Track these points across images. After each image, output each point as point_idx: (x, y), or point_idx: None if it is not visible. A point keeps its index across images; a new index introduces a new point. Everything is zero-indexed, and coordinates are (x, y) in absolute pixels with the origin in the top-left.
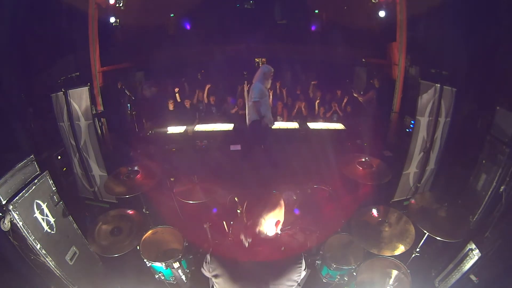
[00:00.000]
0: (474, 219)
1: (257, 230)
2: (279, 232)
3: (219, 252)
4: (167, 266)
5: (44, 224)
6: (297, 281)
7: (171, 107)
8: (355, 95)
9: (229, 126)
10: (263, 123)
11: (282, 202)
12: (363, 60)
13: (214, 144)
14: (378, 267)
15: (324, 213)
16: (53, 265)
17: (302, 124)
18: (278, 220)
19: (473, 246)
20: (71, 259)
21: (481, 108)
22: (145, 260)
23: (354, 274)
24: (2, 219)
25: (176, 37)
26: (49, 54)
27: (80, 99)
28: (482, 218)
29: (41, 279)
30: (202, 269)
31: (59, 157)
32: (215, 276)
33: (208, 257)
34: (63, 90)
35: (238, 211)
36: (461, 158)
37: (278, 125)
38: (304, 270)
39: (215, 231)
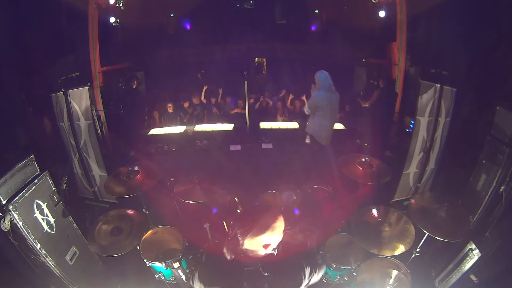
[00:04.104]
0: (474, 219)
1: (240, 249)
2: (270, 252)
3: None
4: (167, 266)
5: (44, 224)
6: None
7: (170, 110)
8: (363, 105)
9: (229, 126)
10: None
11: (276, 225)
12: (363, 60)
13: (214, 144)
14: (378, 267)
15: (324, 213)
16: (53, 265)
17: (302, 124)
18: (268, 243)
19: (473, 246)
20: (71, 259)
21: (481, 108)
22: (145, 260)
23: (354, 274)
24: (2, 219)
25: (176, 37)
26: (49, 54)
27: (80, 99)
28: (482, 218)
29: (41, 279)
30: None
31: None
32: None
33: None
34: (63, 90)
35: (238, 211)
36: (461, 158)
37: (278, 125)
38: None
39: (215, 231)
